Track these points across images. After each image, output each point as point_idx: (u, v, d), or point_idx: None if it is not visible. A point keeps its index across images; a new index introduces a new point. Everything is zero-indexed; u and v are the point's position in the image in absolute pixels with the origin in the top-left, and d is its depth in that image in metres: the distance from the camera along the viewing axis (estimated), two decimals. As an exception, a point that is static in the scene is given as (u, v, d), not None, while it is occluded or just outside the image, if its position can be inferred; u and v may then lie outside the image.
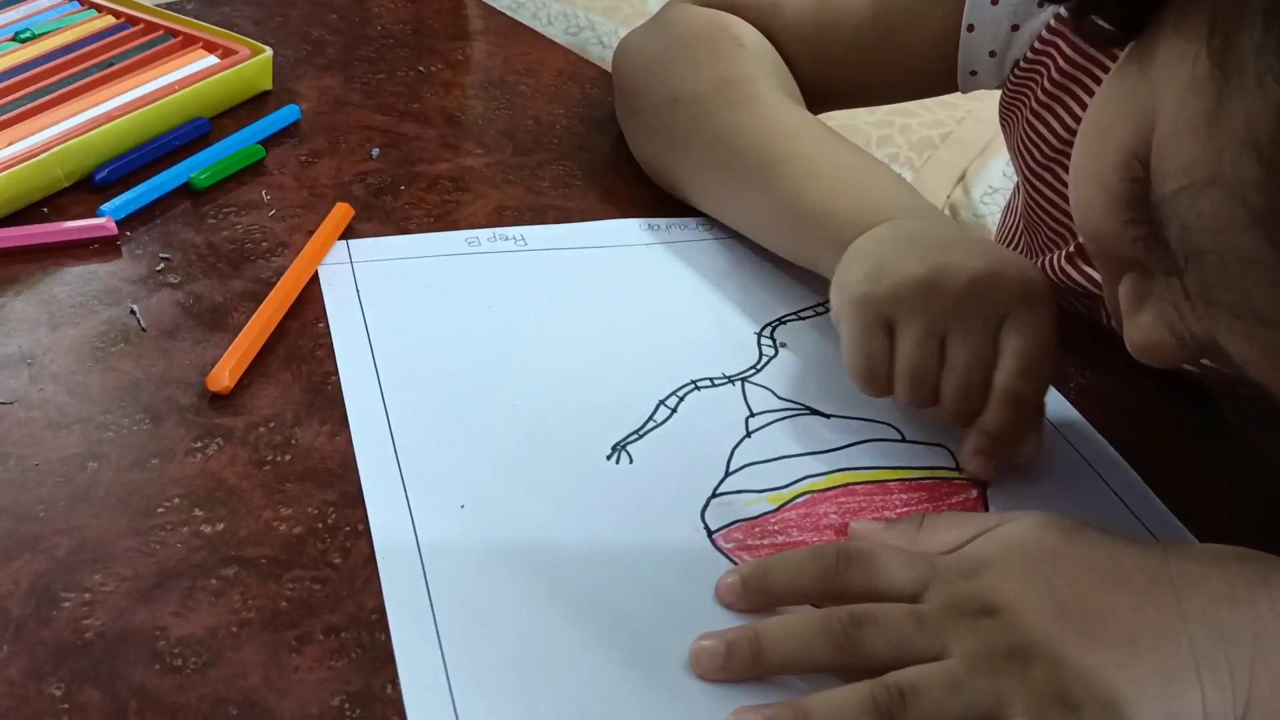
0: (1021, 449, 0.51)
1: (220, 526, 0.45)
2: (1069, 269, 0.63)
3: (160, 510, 0.45)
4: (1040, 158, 0.63)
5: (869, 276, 0.51)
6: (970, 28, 0.62)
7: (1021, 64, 0.62)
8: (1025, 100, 0.63)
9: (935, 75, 0.65)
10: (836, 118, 1.37)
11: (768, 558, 0.45)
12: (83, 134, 0.62)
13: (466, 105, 0.78)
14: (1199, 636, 0.40)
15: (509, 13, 0.94)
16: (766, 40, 0.68)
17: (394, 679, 0.40)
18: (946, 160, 1.30)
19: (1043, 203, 0.65)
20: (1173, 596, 0.41)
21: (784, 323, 0.60)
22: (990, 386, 0.49)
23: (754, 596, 0.43)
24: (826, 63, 0.68)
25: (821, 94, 0.70)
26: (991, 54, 0.62)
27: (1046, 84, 0.61)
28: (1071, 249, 0.63)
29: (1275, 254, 0.34)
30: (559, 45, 0.88)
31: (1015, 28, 0.61)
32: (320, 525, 0.45)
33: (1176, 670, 0.39)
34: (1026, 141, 0.64)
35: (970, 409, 0.50)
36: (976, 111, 1.31)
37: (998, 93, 0.66)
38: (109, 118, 0.64)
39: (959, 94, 0.67)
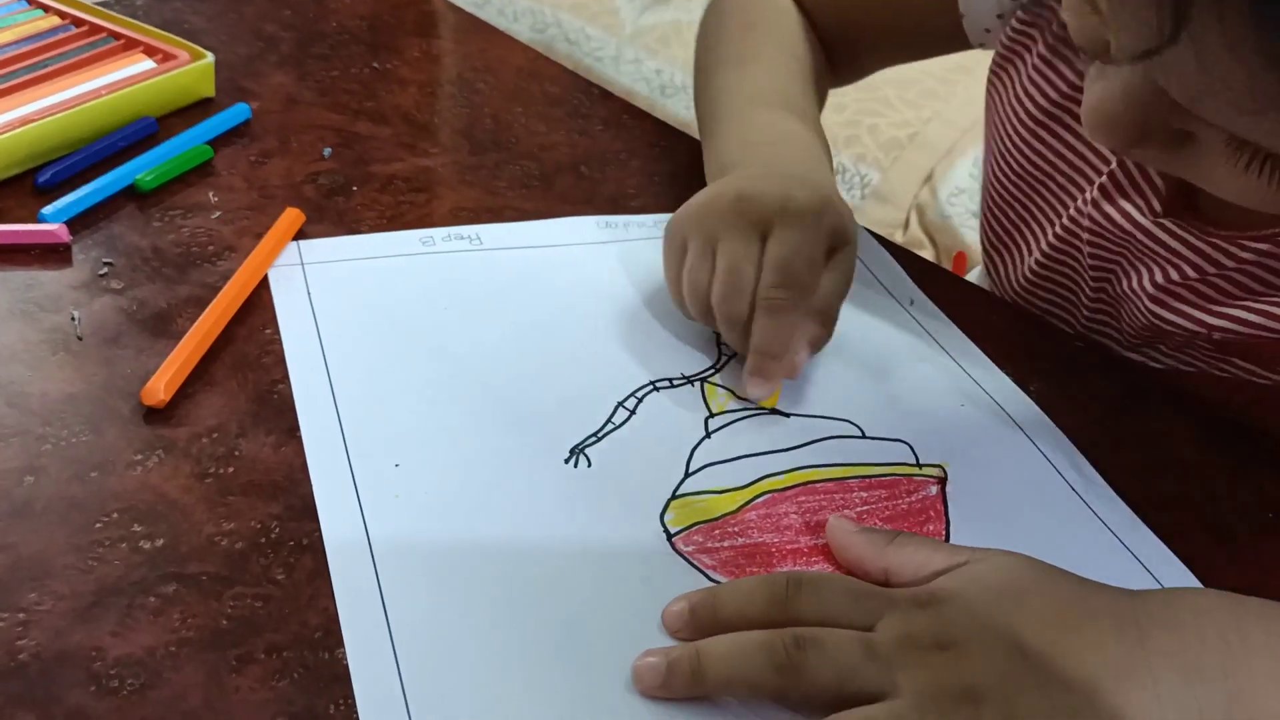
0: (792, 360, 0.53)
1: (160, 542, 0.43)
2: (1096, 210, 0.61)
3: (99, 525, 0.44)
4: (1045, 103, 0.62)
5: (676, 210, 0.58)
6: None
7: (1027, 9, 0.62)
8: (1030, 46, 0.62)
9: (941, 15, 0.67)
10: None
11: (718, 585, 0.44)
12: (7, 132, 0.61)
13: (423, 103, 0.77)
14: (1165, 677, 0.39)
15: (474, 10, 0.93)
16: (797, 13, 0.73)
17: (338, 699, 0.39)
18: (913, 161, 1.30)
19: (1036, 160, 0.64)
20: (1137, 636, 0.40)
21: None
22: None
23: (702, 626, 0.42)
24: (849, 22, 0.73)
25: (850, 56, 0.75)
26: None
27: (1057, 27, 0.60)
28: (1088, 198, 0.61)
29: None
30: (519, 42, 0.87)
31: None
32: (264, 540, 0.44)
33: (1139, 713, 0.38)
34: (1031, 87, 0.63)
35: (734, 313, 0.53)
36: (944, 113, 1.31)
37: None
38: (37, 118, 0.62)
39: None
